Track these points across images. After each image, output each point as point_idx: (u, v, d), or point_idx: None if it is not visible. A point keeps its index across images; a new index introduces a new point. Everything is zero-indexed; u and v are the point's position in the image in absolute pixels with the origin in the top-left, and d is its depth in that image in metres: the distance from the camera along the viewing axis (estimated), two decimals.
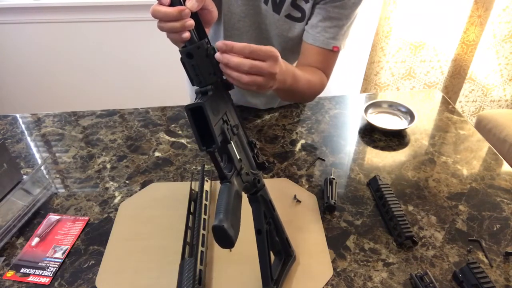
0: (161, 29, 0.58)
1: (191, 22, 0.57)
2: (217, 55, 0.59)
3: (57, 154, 1.01)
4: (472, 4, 1.96)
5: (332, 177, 0.88)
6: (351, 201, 0.86)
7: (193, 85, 0.59)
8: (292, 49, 0.99)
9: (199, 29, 0.59)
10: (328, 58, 0.95)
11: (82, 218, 0.83)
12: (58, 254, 0.75)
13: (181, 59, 0.59)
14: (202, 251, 0.69)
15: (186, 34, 0.57)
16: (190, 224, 0.76)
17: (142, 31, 2.18)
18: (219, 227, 0.52)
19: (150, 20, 2.19)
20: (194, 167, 0.96)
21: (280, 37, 0.96)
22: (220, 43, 0.58)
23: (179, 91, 1.72)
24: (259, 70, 0.62)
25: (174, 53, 1.06)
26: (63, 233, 0.79)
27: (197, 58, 0.57)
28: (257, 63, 0.61)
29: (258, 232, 0.64)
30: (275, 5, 0.91)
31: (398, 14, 2.01)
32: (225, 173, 0.56)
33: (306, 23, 0.94)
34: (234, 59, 0.59)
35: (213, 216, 0.81)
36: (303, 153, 1.00)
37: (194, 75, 0.58)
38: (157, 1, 0.57)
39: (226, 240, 0.53)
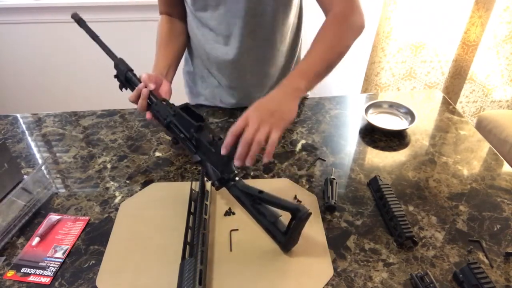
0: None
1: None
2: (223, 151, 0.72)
3: (57, 154, 1.01)
4: (473, 4, 1.96)
5: (332, 177, 0.88)
6: (351, 201, 0.86)
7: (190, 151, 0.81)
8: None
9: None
10: None
11: (83, 218, 0.83)
12: (59, 254, 0.75)
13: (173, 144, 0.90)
14: (202, 251, 0.69)
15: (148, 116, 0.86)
16: (190, 224, 0.76)
17: (142, 31, 2.18)
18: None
19: (150, 20, 2.19)
20: (194, 167, 0.96)
21: None
22: (224, 146, 0.72)
23: (179, 91, 1.72)
24: (251, 138, 0.69)
25: None
26: (64, 233, 0.79)
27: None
28: (243, 139, 0.69)
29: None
30: None
31: (399, 15, 2.01)
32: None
33: None
34: (241, 151, 0.70)
35: (213, 216, 0.81)
36: (303, 153, 1.00)
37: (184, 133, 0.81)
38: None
39: None
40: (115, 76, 0.92)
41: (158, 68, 0.97)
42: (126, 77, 0.90)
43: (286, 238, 0.72)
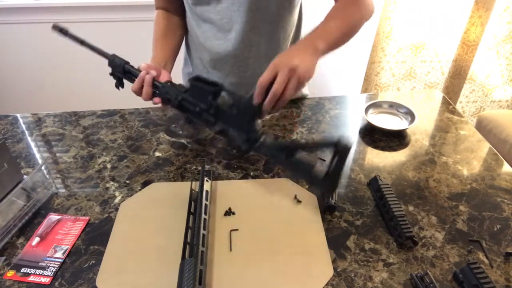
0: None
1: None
2: (265, 105, 0.75)
3: (57, 154, 1.01)
4: (473, 4, 1.96)
5: None
6: (351, 201, 0.86)
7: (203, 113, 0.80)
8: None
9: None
10: None
11: (83, 218, 0.83)
12: (59, 254, 0.75)
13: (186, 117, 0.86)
14: (202, 251, 0.69)
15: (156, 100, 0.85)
16: (190, 224, 0.76)
17: (142, 31, 2.17)
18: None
19: (150, 20, 2.19)
20: (194, 167, 0.96)
21: None
22: (255, 98, 0.75)
23: None
24: (280, 91, 0.73)
25: None
26: (64, 233, 0.79)
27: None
28: (274, 91, 0.73)
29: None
30: None
31: (399, 15, 2.01)
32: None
33: None
34: (267, 104, 0.75)
35: (213, 216, 0.81)
36: (303, 153, 0.99)
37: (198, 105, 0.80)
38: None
39: None
40: (111, 74, 0.91)
41: (155, 61, 0.97)
42: (124, 70, 0.88)
43: (329, 178, 0.73)
